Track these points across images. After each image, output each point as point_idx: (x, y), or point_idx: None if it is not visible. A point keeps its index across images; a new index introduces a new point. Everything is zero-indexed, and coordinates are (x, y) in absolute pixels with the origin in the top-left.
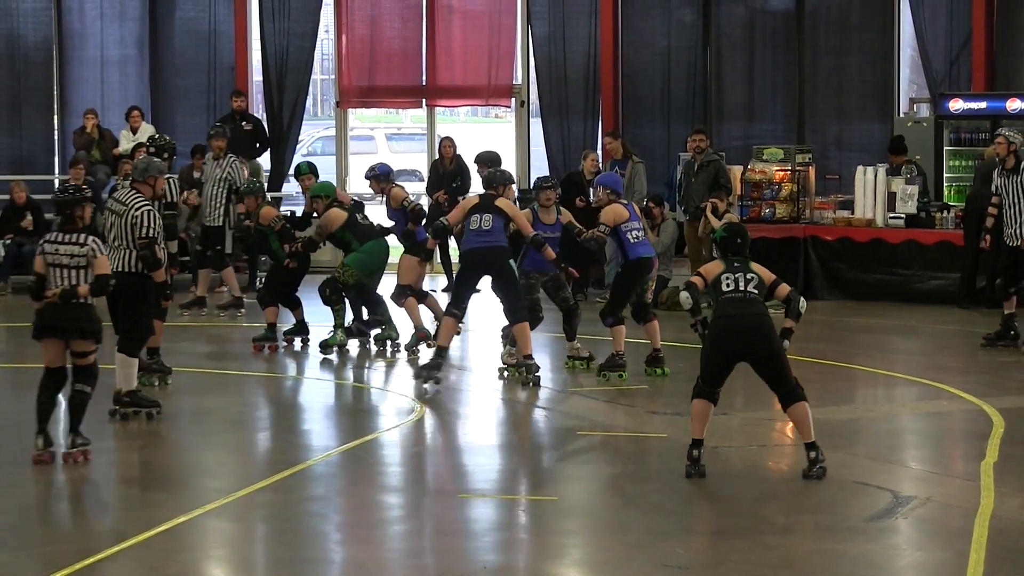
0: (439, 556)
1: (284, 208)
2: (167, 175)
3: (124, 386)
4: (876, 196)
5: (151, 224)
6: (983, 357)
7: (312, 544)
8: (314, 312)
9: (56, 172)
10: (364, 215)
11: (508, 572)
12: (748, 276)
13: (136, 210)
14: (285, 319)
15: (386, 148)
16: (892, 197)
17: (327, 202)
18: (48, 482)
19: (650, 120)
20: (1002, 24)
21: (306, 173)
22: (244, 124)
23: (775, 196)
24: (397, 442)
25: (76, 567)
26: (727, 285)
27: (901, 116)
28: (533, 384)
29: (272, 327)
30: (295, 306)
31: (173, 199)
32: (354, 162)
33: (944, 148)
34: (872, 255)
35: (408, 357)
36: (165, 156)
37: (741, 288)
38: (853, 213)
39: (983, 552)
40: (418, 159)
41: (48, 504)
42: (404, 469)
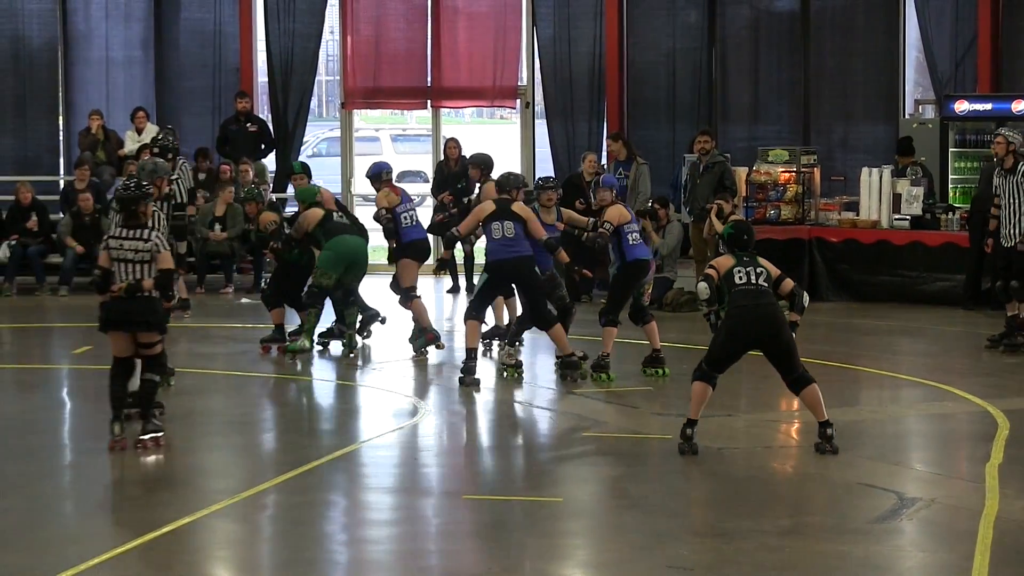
0: (443, 558)
1: (290, 209)
2: (174, 176)
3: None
4: (881, 198)
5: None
6: (988, 359)
7: (316, 545)
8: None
9: (61, 173)
10: (342, 214)
11: (512, 573)
12: (758, 270)
13: None
14: (290, 320)
15: (391, 149)
16: (897, 199)
17: (305, 205)
18: (55, 482)
19: (655, 121)
20: (1008, 25)
21: (298, 173)
22: (249, 125)
23: (780, 198)
24: (401, 443)
25: (81, 567)
26: (740, 278)
27: (906, 118)
28: (579, 379)
29: (279, 328)
30: (300, 307)
31: (182, 200)
32: (359, 163)
33: (949, 150)
34: (877, 257)
35: (415, 358)
36: (169, 156)
37: (753, 281)
38: (858, 215)
39: (988, 554)
40: (423, 160)
41: (54, 504)
42: (408, 470)
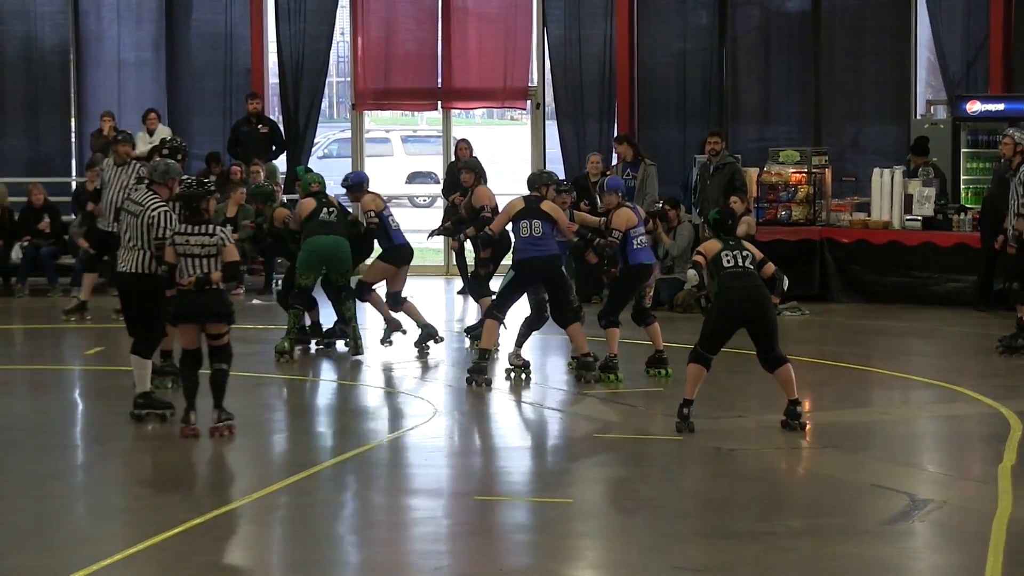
0: (454, 558)
1: None
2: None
3: (138, 388)
4: (893, 198)
5: (167, 225)
6: (1000, 360)
7: (328, 546)
8: (329, 314)
9: (73, 175)
10: (331, 211)
11: (523, 574)
12: (744, 253)
13: (153, 211)
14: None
15: (402, 150)
16: (909, 199)
17: (303, 194)
18: (67, 483)
19: (665, 122)
20: (1020, 25)
21: (300, 178)
22: (260, 127)
23: (791, 198)
24: (411, 444)
25: (93, 568)
26: (727, 261)
27: (918, 118)
28: (593, 380)
29: (316, 325)
30: (311, 307)
31: None
32: (370, 164)
33: (961, 150)
34: (888, 258)
35: (418, 355)
36: (179, 158)
37: (740, 264)
38: (870, 215)
39: (1000, 556)
40: (434, 161)
41: (66, 505)
42: (419, 471)
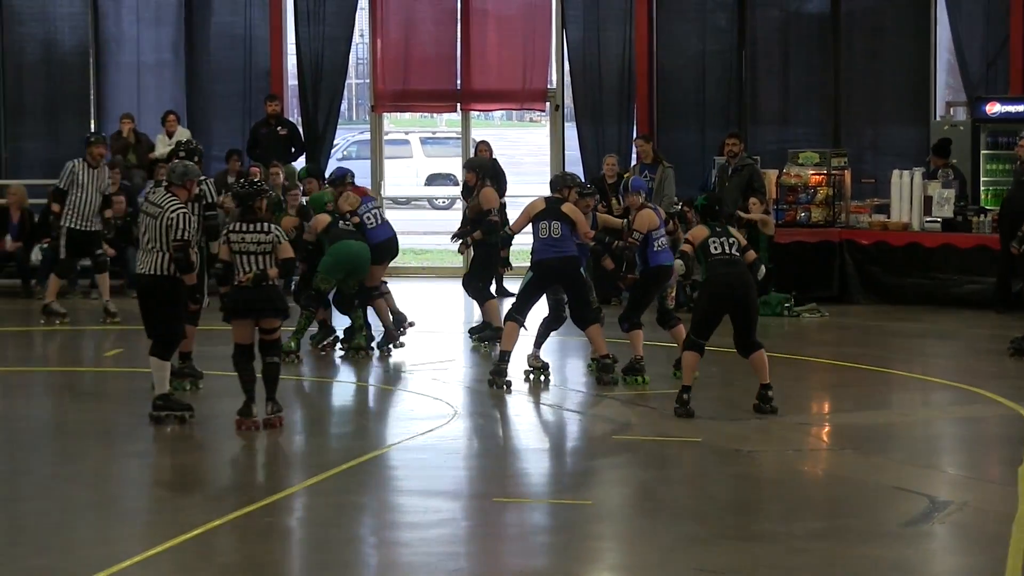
0: (473, 560)
1: None
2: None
3: (157, 389)
4: (912, 200)
5: (186, 227)
6: (1011, 362)
7: (347, 547)
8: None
9: None
10: (348, 220)
11: None
12: (730, 240)
13: (172, 212)
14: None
15: (421, 152)
16: (928, 201)
17: (318, 209)
18: (86, 485)
19: (684, 124)
20: None
21: (305, 178)
22: (279, 128)
23: (810, 200)
24: (430, 446)
25: (112, 570)
26: (715, 248)
27: (937, 119)
28: (610, 383)
29: (322, 324)
30: (324, 308)
31: (212, 199)
32: (389, 166)
33: (981, 152)
34: (908, 259)
35: (379, 355)
36: (195, 160)
37: (727, 251)
38: (889, 217)
39: (1020, 557)
40: (453, 163)
41: (85, 507)
42: (437, 473)
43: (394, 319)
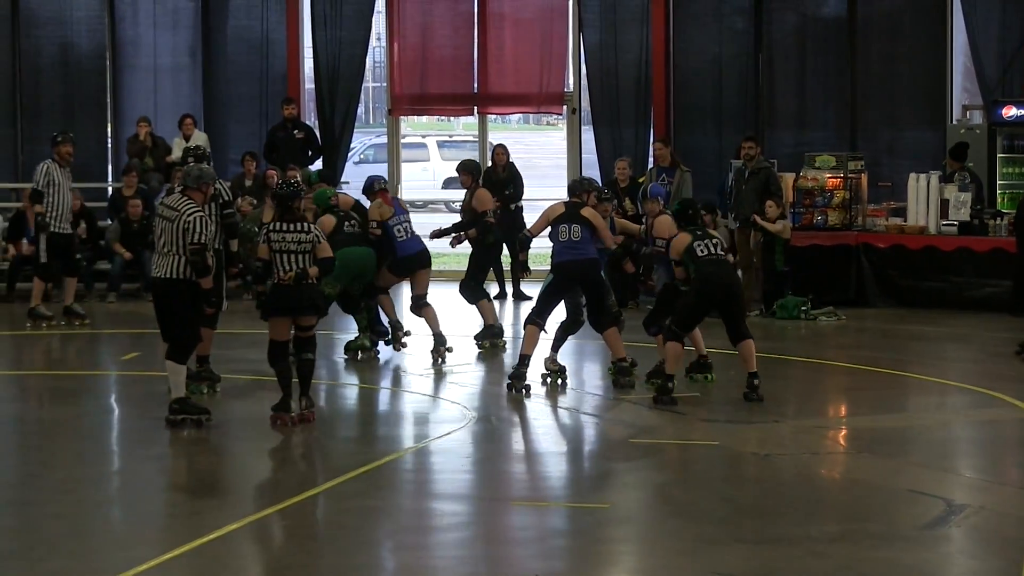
0: (490, 563)
1: None
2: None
3: (173, 393)
4: (929, 203)
5: (203, 230)
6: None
7: (363, 551)
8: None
9: (109, 180)
10: (354, 224)
11: None
12: (714, 241)
13: (188, 216)
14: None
15: (438, 155)
16: (945, 204)
17: (321, 210)
18: (103, 488)
19: (701, 127)
20: None
21: (316, 182)
22: (296, 132)
23: (827, 203)
24: (447, 449)
25: (129, 573)
26: (701, 251)
27: (954, 123)
28: (627, 386)
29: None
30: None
31: (228, 198)
32: (406, 170)
33: (997, 155)
34: (925, 262)
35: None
36: (207, 163)
37: (713, 252)
38: (906, 220)
39: None
40: None
41: (102, 510)
42: (455, 476)
43: (391, 324)
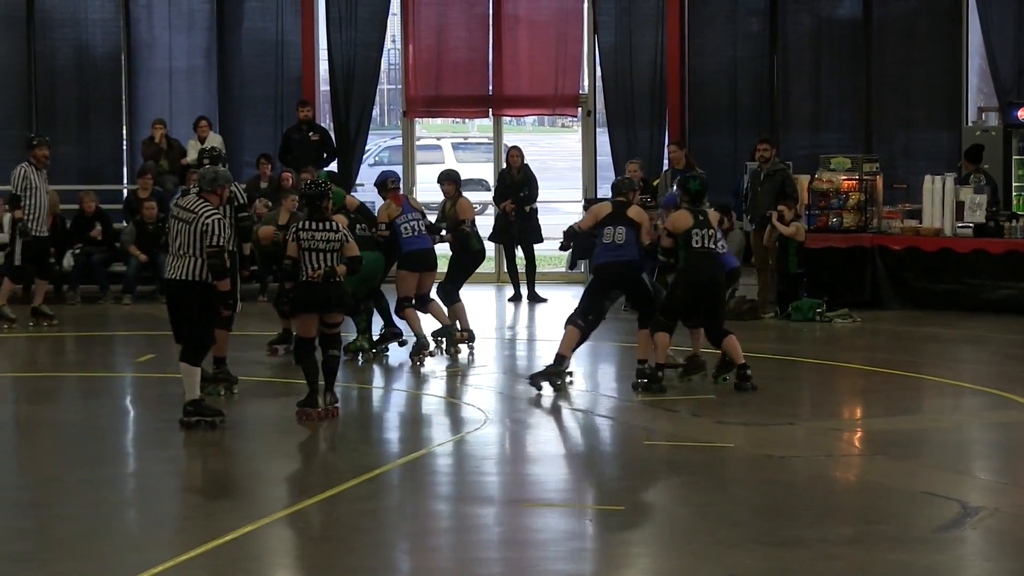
0: (505, 566)
1: None
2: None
3: (188, 395)
4: (944, 205)
5: (221, 233)
6: None
7: (378, 553)
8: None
9: (125, 182)
10: (363, 227)
11: None
12: (710, 232)
13: (207, 218)
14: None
15: (452, 157)
16: (960, 206)
17: (335, 209)
18: (117, 490)
19: (716, 129)
20: None
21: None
22: (311, 134)
23: (842, 205)
24: (463, 451)
25: (143, 575)
26: (696, 242)
27: (969, 125)
28: (657, 390)
29: (289, 332)
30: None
31: (242, 200)
32: (421, 172)
33: (1013, 157)
34: (940, 264)
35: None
36: (222, 165)
37: (706, 245)
38: (921, 222)
39: None
40: (485, 168)
41: (117, 512)
42: (470, 478)
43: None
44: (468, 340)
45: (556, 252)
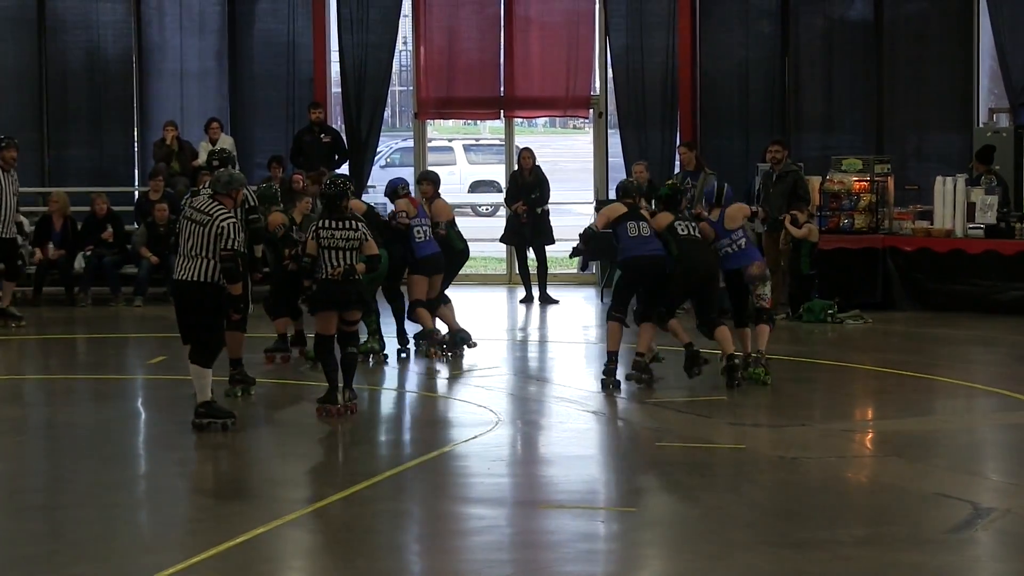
0: (518, 568)
1: None
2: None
3: (199, 397)
4: (955, 206)
5: (236, 236)
6: None
7: (391, 555)
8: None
9: (136, 184)
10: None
11: None
12: (692, 224)
13: (222, 221)
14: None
15: (464, 159)
16: (971, 207)
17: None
18: (129, 492)
19: (728, 131)
20: None
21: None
22: (323, 136)
23: (854, 207)
24: (475, 453)
25: None
26: (682, 230)
27: (980, 126)
28: (642, 381)
29: (283, 338)
30: (296, 316)
31: (254, 203)
32: None
33: (1023, 158)
34: (951, 266)
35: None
36: (232, 166)
37: (693, 233)
38: (932, 223)
39: None
40: (496, 170)
41: (129, 514)
42: (482, 480)
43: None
44: (452, 347)
45: (560, 253)
